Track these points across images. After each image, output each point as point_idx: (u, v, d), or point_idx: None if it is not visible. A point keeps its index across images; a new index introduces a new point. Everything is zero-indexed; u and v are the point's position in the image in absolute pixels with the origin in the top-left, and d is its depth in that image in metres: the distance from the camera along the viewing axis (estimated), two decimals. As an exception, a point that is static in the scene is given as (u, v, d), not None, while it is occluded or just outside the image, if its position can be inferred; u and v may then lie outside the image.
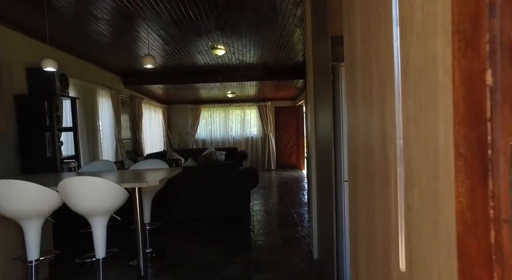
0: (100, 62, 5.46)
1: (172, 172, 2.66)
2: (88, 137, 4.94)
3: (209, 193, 4.17)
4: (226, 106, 9.91)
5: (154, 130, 8.61)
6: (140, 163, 3.17)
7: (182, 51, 4.94)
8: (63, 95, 3.66)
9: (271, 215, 4.49)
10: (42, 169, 3.48)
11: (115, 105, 5.90)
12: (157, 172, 2.68)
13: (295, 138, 9.57)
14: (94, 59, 5.24)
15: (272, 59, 5.74)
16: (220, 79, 6.70)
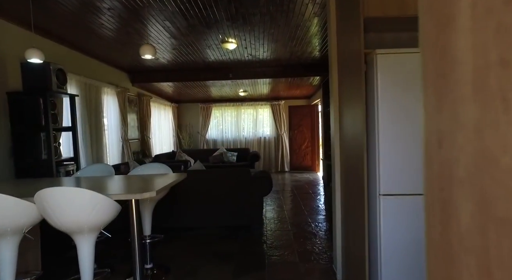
0: (105, 58, 5.19)
1: (175, 179, 2.31)
2: (92, 137, 4.66)
3: (218, 200, 3.81)
4: (238, 105, 9.55)
5: (163, 130, 8.34)
6: (141, 168, 2.84)
7: (190, 45, 4.60)
8: (60, 92, 3.36)
9: (286, 224, 4.09)
10: (36, 173, 3.20)
11: (121, 104, 5.62)
12: (157, 179, 2.33)
13: (309, 139, 9.13)
14: (98, 55, 4.96)
15: (287, 54, 5.34)
16: (232, 76, 6.34)
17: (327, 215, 4.48)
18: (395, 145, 1.76)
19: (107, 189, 2.01)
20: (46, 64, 3.22)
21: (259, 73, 6.33)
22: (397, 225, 1.76)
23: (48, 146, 3.19)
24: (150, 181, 2.25)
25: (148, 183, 2.17)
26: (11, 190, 2.08)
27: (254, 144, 9.47)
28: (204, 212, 3.82)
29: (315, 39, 4.58)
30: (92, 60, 4.94)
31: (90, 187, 2.12)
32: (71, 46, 4.31)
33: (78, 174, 2.77)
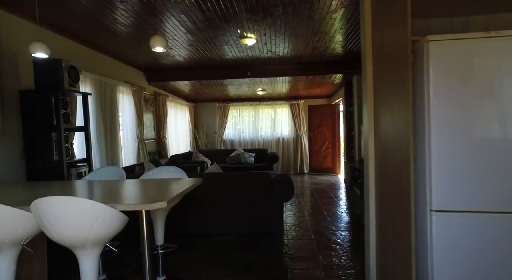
0: (120, 56, 5.06)
1: (189, 186, 2.08)
2: (106, 138, 4.53)
3: (236, 205, 3.57)
4: (256, 104, 9.31)
5: (179, 130, 8.20)
6: (153, 171, 2.63)
7: (207, 41, 4.38)
8: (72, 90, 3.22)
9: (308, 232, 3.81)
10: (48, 175, 3.06)
11: (137, 103, 5.49)
12: (171, 185, 2.11)
13: (330, 140, 8.77)
14: (113, 53, 4.83)
15: (308, 51, 5.04)
16: (250, 74, 6.10)
17: (351, 223, 4.15)
18: (452, 151, 1.45)
19: (113, 196, 1.80)
20: (57, 61, 3.08)
21: (279, 71, 6.05)
22: (455, 247, 1.45)
23: (59, 147, 3.05)
24: (162, 188, 2.03)
25: (160, 190, 1.95)
26: (16, 195, 1.91)
27: (272, 144, 9.20)
28: (221, 217, 3.59)
29: (339, 34, 4.27)
30: (107, 58, 4.82)
31: (97, 193, 1.92)
32: (85, 43, 4.19)
33: (88, 177, 2.59)
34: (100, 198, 1.74)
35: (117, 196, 1.82)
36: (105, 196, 1.82)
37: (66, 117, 3.23)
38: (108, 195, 1.87)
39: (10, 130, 3.02)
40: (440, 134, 1.46)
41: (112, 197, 1.80)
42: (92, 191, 2.00)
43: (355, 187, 5.51)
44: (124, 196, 1.81)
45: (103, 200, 1.69)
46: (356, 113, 6.19)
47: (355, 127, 6.28)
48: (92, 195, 1.86)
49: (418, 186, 1.58)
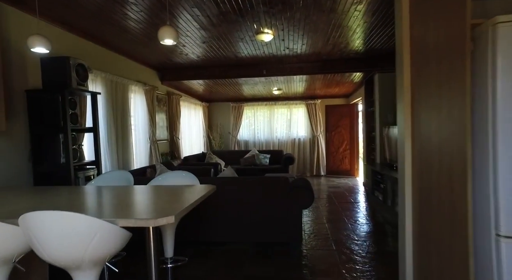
0: (132, 55, 4.91)
1: (201, 195, 1.86)
2: (117, 139, 4.38)
3: (252, 212, 3.34)
4: (271, 104, 9.05)
5: (193, 130, 8.04)
6: (163, 177, 2.43)
7: (222, 38, 4.16)
8: (81, 89, 3.06)
9: (328, 241, 3.53)
10: (55, 178, 2.91)
11: (149, 103, 5.34)
12: (180, 194, 1.89)
13: (348, 141, 8.42)
14: (125, 51, 4.68)
15: (328, 48, 4.75)
16: (266, 72, 5.85)
17: (375, 231, 3.85)
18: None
19: (115, 208, 1.59)
20: (64, 58, 2.93)
21: (296, 69, 5.78)
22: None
23: (66, 149, 2.89)
24: (171, 197, 1.81)
25: (168, 200, 1.73)
26: (8, 204, 1.73)
27: (287, 145, 8.92)
28: (235, 225, 3.36)
29: (362, 29, 3.96)
30: (119, 56, 4.67)
31: (97, 203, 1.72)
32: (95, 41, 4.04)
33: (93, 182, 2.41)
34: (99, 210, 1.53)
35: (120, 207, 1.61)
36: (106, 207, 1.62)
37: (74, 117, 3.08)
38: (110, 205, 1.67)
39: (17, 131, 2.88)
40: (510, 140, 1.17)
41: (114, 208, 1.59)
42: (92, 200, 1.80)
43: (377, 192, 5.18)
44: (128, 207, 1.59)
45: (102, 212, 1.48)
46: (378, 113, 5.85)
47: (377, 128, 5.94)
48: (92, 205, 1.65)
49: (476, 203, 1.30)
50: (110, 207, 1.62)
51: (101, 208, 1.59)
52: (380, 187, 5.04)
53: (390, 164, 5.18)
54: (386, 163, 5.44)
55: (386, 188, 4.66)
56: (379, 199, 5.03)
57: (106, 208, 1.60)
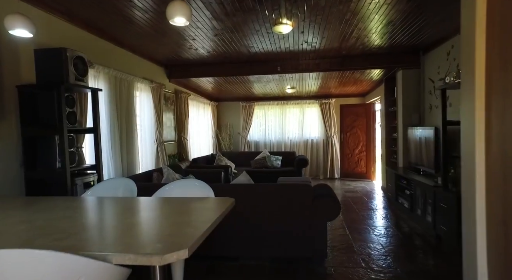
0: (138, 49, 4.58)
1: (219, 214, 1.49)
2: (122, 140, 4.05)
3: (270, 223, 2.96)
4: (283, 103, 8.66)
5: (202, 131, 7.70)
6: (170, 186, 2.07)
7: (235, 29, 3.80)
8: (79, 85, 2.72)
9: (355, 256, 3.14)
10: (49, 185, 2.58)
11: (156, 101, 5.00)
12: (193, 211, 1.53)
13: (364, 142, 7.99)
14: (130, 45, 4.35)
15: (350, 41, 4.34)
16: (280, 69, 5.47)
17: (404, 245, 3.44)
18: None
19: (109, 235, 1.23)
20: (60, 50, 2.59)
21: (312, 66, 5.40)
22: None
23: (62, 152, 2.55)
24: (182, 216, 1.45)
25: (178, 222, 1.36)
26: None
27: (300, 147, 8.52)
28: (251, 237, 2.99)
29: (389, 19, 3.56)
30: (124, 51, 4.34)
31: (85, 226, 1.36)
32: (97, 33, 3.71)
33: (89, 193, 2.06)
34: (86, 237, 1.17)
35: (116, 232, 1.25)
36: (96, 233, 1.26)
37: (72, 116, 2.74)
38: (103, 229, 1.31)
39: (7, 132, 2.56)
40: None
41: (107, 235, 1.23)
42: (81, 220, 1.44)
43: (402, 199, 4.77)
44: (127, 233, 1.23)
45: (91, 242, 1.12)
46: (400, 113, 5.42)
47: (399, 130, 5.52)
48: (78, 229, 1.29)
49: None
50: (103, 233, 1.26)
51: (89, 235, 1.22)
52: (406, 193, 4.62)
53: (416, 168, 4.76)
54: (410, 167, 5.02)
55: (414, 195, 4.25)
56: (405, 206, 4.62)
57: (96, 234, 1.24)
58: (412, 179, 4.36)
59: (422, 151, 4.50)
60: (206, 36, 4.03)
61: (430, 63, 4.86)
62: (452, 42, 4.14)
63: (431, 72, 4.84)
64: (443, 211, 3.35)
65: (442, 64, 4.45)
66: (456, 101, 3.95)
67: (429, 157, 4.26)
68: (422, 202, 3.94)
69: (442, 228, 3.36)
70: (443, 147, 3.49)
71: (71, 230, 1.25)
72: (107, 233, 1.25)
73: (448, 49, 4.25)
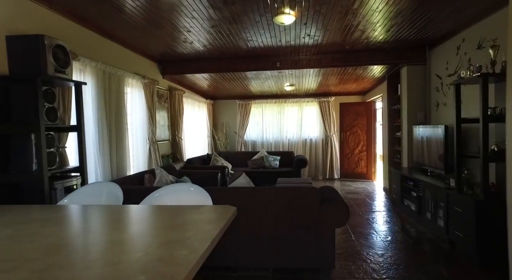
0: (130, 43, 4.28)
1: (220, 224, 1.22)
2: (111, 139, 3.76)
3: (272, 230, 2.70)
4: (281, 101, 8.40)
5: (197, 130, 7.41)
6: (161, 192, 1.79)
7: (233, 20, 3.53)
8: (59, 78, 2.42)
9: (364, 265, 2.89)
10: (25, 190, 2.28)
11: (148, 98, 4.71)
12: (187, 224, 1.26)
13: (365, 142, 7.77)
14: (121, 38, 4.05)
15: (356, 34, 4.09)
16: (279, 65, 5.21)
17: (415, 251, 3.20)
18: None
19: (78, 259, 0.95)
20: (36, 37, 2.29)
21: (314, 62, 5.14)
22: None
23: (38, 153, 2.26)
24: (174, 231, 1.17)
25: (170, 239, 1.09)
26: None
27: (298, 146, 8.27)
28: (253, 246, 2.73)
29: (398, 9, 3.31)
30: (113, 43, 4.04)
31: (50, 249, 1.07)
32: (84, 23, 3.41)
33: (66, 200, 1.77)
34: (43, 270, 0.88)
35: (88, 256, 0.97)
36: (60, 260, 0.97)
37: (52, 113, 2.45)
38: (70, 254, 1.02)
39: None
40: None
41: (75, 263, 0.95)
42: (45, 241, 1.14)
43: (408, 201, 4.54)
44: (102, 258, 0.96)
45: (48, 276, 0.84)
46: (405, 111, 5.19)
47: (403, 129, 5.29)
48: (37, 254, 1.00)
49: None
50: (69, 258, 0.98)
51: (49, 263, 0.94)
52: (412, 195, 4.39)
53: (422, 169, 4.53)
54: (416, 167, 4.79)
55: (423, 197, 4.01)
56: (411, 209, 4.38)
57: (60, 261, 0.95)
58: (420, 180, 4.13)
59: (430, 150, 4.27)
60: (202, 28, 3.75)
61: (437, 58, 4.63)
62: (463, 36, 3.91)
63: (438, 68, 4.62)
64: (458, 215, 3.11)
65: (451, 59, 4.22)
66: (468, 97, 3.72)
67: (437, 157, 4.03)
68: (433, 205, 3.71)
69: (457, 234, 3.12)
70: (457, 146, 3.25)
71: (27, 255, 0.96)
72: (75, 259, 0.97)
73: (458, 43, 4.02)
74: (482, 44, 3.52)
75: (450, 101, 4.27)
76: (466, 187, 3.15)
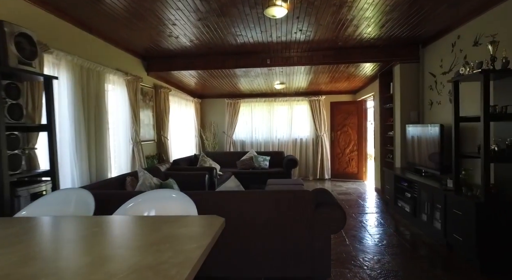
0: (110, 36, 4.01)
1: (206, 241, 1.01)
2: (89, 140, 3.49)
3: (263, 237, 2.50)
4: (270, 100, 8.22)
5: (184, 129, 7.15)
6: (137, 201, 1.57)
7: (222, 13, 3.31)
8: (24, 70, 2.16)
9: (361, 271, 2.72)
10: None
11: (132, 96, 4.44)
12: (167, 241, 1.04)
13: (355, 141, 7.67)
14: (101, 31, 3.79)
15: (349, 29, 3.94)
16: (270, 62, 5.02)
17: (413, 258, 3.06)
18: None
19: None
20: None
21: (305, 59, 4.97)
22: None
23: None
24: (150, 252, 0.95)
25: (145, 264, 0.87)
26: None
27: (288, 146, 8.10)
28: (243, 255, 2.52)
29: (394, 4, 3.17)
30: (93, 37, 3.76)
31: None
32: (58, 13, 3.13)
33: (24, 212, 1.53)
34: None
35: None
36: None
37: (17, 110, 2.19)
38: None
39: None
40: None
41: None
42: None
43: (402, 202, 4.41)
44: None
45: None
46: (398, 110, 5.08)
47: (397, 128, 5.18)
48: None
49: None
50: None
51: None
52: (407, 196, 4.27)
53: (417, 169, 4.42)
54: (410, 167, 4.68)
55: (418, 198, 3.89)
56: (405, 210, 4.26)
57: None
58: (415, 181, 4.01)
59: (424, 150, 4.15)
60: (188, 21, 3.52)
61: (431, 56, 4.52)
62: (458, 32, 3.80)
63: (432, 66, 4.51)
64: (457, 218, 2.98)
65: (445, 57, 4.11)
66: (463, 96, 3.61)
67: (432, 157, 3.91)
68: (429, 207, 3.58)
69: (456, 238, 2.99)
70: (456, 146, 3.12)
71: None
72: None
73: (453, 40, 3.91)
74: (478, 40, 3.41)
75: (445, 100, 4.17)
76: (465, 189, 3.02)
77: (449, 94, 4.04)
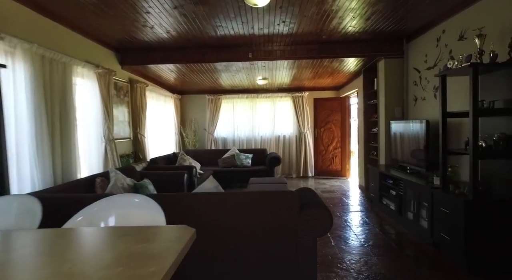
0: (78, 25, 3.69)
1: (171, 258, 0.80)
2: (54, 138, 3.18)
3: (244, 243, 2.31)
4: (253, 96, 8.02)
5: (162, 127, 6.84)
6: (92, 210, 1.34)
7: (200, 1, 3.07)
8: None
9: (349, 276, 2.58)
10: None
11: (103, 90, 4.12)
12: (125, 263, 0.83)
13: (339, 138, 7.60)
14: (67, 18, 3.47)
15: (334, 22, 3.79)
16: (252, 56, 4.82)
17: (401, 258, 2.96)
18: None
19: None
20: None
21: (288, 53, 4.80)
22: None
23: None
24: (105, 276, 0.74)
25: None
26: None
27: (271, 144, 7.94)
28: (222, 263, 2.32)
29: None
30: (56, 24, 3.43)
31: None
32: None
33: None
34: None
35: None
36: None
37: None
38: None
39: None
40: None
41: None
42: None
43: (387, 200, 4.34)
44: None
45: None
46: (382, 106, 5.00)
47: (381, 124, 5.10)
48: None
49: None
50: None
51: None
52: (392, 194, 4.19)
53: (401, 166, 4.35)
54: (394, 164, 4.61)
55: (404, 196, 3.81)
56: (391, 208, 4.18)
57: None
58: (400, 178, 3.92)
59: (409, 147, 4.08)
60: (163, 8, 3.26)
61: (416, 51, 4.45)
62: (443, 27, 3.73)
63: (416, 61, 4.44)
64: (444, 216, 2.90)
65: (430, 52, 4.04)
66: (448, 91, 3.54)
67: (417, 154, 3.84)
68: (415, 205, 3.50)
69: (443, 237, 2.91)
70: (443, 143, 3.03)
71: None
72: None
73: (438, 34, 3.84)
74: (464, 34, 3.34)
75: (429, 96, 4.10)
76: (452, 187, 2.94)
77: (434, 89, 3.97)
